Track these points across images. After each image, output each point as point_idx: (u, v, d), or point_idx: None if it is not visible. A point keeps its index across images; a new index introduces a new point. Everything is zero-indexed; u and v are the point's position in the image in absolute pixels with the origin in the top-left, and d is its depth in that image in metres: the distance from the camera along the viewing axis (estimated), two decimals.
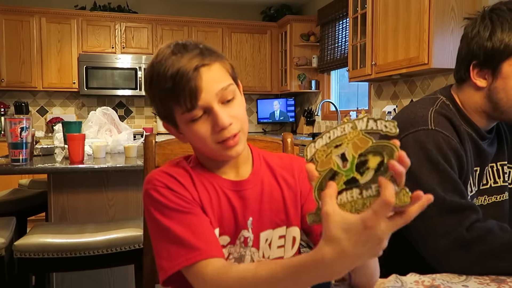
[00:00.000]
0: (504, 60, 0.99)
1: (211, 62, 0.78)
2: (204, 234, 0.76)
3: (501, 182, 1.13)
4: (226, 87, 0.79)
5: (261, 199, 0.86)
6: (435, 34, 2.60)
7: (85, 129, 2.51)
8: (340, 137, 0.60)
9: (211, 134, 0.78)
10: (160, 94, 0.78)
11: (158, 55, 0.79)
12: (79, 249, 1.71)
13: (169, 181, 0.80)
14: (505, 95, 1.01)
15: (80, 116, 5.06)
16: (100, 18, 4.85)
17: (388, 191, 0.51)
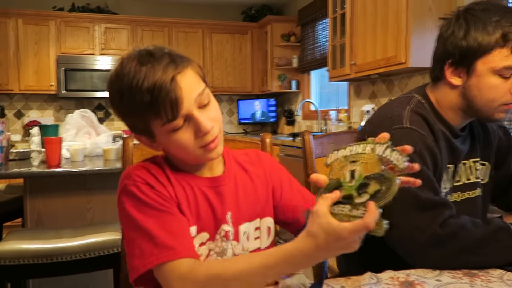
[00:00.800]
0: (478, 59, 1.01)
1: (184, 68, 0.78)
2: (179, 234, 0.76)
3: (474, 178, 1.15)
4: (202, 92, 0.79)
5: (237, 194, 0.89)
6: (412, 34, 2.64)
7: (62, 132, 2.47)
8: (359, 155, 0.67)
9: (194, 140, 0.79)
10: (135, 109, 0.77)
11: (124, 67, 0.76)
12: (56, 255, 1.68)
13: (148, 178, 0.81)
14: (478, 93, 1.04)
15: (58, 119, 4.97)
16: (78, 19, 4.78)
17: (371, 217, 0.59)
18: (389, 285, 0.80)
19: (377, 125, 1.06)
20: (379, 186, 0.62)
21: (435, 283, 0.81)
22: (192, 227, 0.82)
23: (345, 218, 0.62)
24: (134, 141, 1.15)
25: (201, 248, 0.84)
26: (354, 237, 0.60)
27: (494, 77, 1.01)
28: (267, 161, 0.97)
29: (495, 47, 0.98)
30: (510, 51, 0.98)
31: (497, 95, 1.01)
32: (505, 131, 1.26)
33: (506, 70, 0.99)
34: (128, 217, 0.78)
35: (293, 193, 0.96)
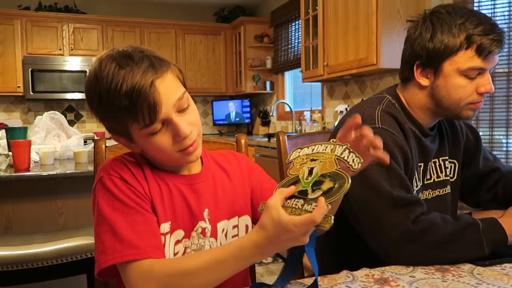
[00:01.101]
0: (445, 60, 1.05)
1: (164, 72, 0.77)
2: (145, 233, 0.76)
3: (443, 176, 1.19)
4: (182, 96, 0.79)
5: (215, 191, 0.90)
6: (382, 35, 2.70)
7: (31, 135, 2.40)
8: (319, 154, 0.71)
9: (173, 144, 0.79)
10: (113, 112, 0.76)
11: (103, 69, 0.76)
12: (26, 261, 1.63)
13: (124, 172, 0.81)
14: (446, 93, 1.07)
15: (26, 121, 4.82)
16: (46, 18, 4.65)
17: (319, 212, 0.61)
18: (365, 282, 0.82)
19: None
20: (332, 183, 0.66)
21: (409, 279, 0.83)
22: (165, 224, 0.82)
23: (296, 212, 0.65)
24: (106, 144, 1.13)
25: (177, 246, 0.84)
26: (301, 230, 0.63)
27: (460, 77, 1.05)
28: (243, 161, 0.99)
29: (460, 48, 1.02)
30: (474, 52, 1.02)
31: (464, 95, 1.05)
32: (472, 130, 1.30)
33: (471, 71, 1.03)
34: (99, 210, 0.78)
35: (272, 192, 0.97)
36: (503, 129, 2.37)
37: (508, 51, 2.35)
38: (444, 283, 0.81)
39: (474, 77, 1.04)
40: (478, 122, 2.42)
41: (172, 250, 0.83)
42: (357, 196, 1.01)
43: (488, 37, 1.00)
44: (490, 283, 0.80)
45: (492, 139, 2.40)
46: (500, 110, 2.37)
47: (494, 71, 2.36)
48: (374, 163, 0.74)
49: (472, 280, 0.81)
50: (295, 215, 0.64)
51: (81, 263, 1.71)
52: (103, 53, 0.79)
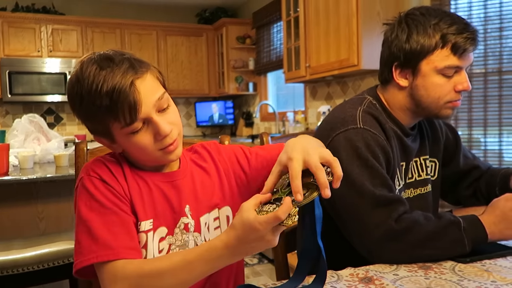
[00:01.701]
0: (422, 60, 1.08)
1: (143, 73, 0.79)
2: (121, 234, 0.77)
3: (424, 175, 1.21)
4: (161, 96, 0.81)
5: (194, 187, 0.91)
6: (363, 37, 2.74)
7: (9, 139, 2.36)
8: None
9: (154, 143, 0.81)
10: (95, 112, 0.78)
11: (84, 71, 0.78)
12: (5, 267, 1.59)
13: (103, 172, 0.82)
14: (425, 92, 1.09)
15: (4, 124, 4.71)
16: (23, 19, 4.55)
17: (283, 210, 0.66)
18: (349, 281, 0.83)
19: (332, 125, 1.09)
20: (305, 191, 0.70)
21: (393, 277, 0.84)
22: (147, 221, 0.83)
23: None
24: (87, 146, 1.12)
25: (161, 243, 0.85)
26: (267, 228, 0.66)
27: (437, 76, 1.07)
28: (214, 149, 0.99)
29: (436, 48, 1.05)
30: (449, 51, 1.04)
31: (442, 93, 1.08)
32: (451, 129, 1.33)
33: (448, 69, 1.05)
34: (77, 210, 0.80)
35: (257, 161, 0.99)
36: (481, 128, 2.43)
37: (485, 52, 2.40)
38: (427, 280, 0.82)
39: (451, 75, 1.06)
40: (457, 121, 2.48)
41: (156, 248, 0.84)
42: (340, 195, 1.02)
43: (462, 36, 1.03)
44: (471, 279, 0.81)
45: (470, 138, 2.45)
46: (477, 110, 2.42)
47: (471, 71, 2.41)
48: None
49: (454, 277, 0.83)
50: None
51: (63, 268, 1.68)
52: (84, 56, 0.81)
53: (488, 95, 2.39)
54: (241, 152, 1.01)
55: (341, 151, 1.03)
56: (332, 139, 1.06)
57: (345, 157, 1.01)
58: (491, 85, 2.38)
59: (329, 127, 1.09)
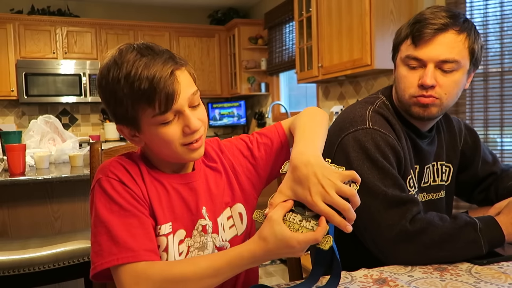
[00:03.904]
0: (397, 52, 1.10)
1: (182, 65, 0.80)
2: (140, 237, 0.76)
3: (439, 181, 1.19)
4: (195, 92, 0.81)
5: (209, 189, 0.91)
6: (376, 36, 2.71)
7: (26, 139, 2.39)
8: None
9: (180, 137, 0.80)
10: (129, 95, 0.76)
11: (123, 55, 0.77)
12: (23, 266, 1.62)
13: (122, 174, 0.81)
14: (397, 84, 1.10)
15: (20, 125, 4.79)
16: (39, 22, 4.63)
17: (321, 232, 0.68)
18: (363, 282, 0.82)
19: (341, 126, 1.09)
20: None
21: (407, 279, 0.83)
22: (166, 224, 0.83)
23: (294, 227, 0.69)
24: (102, 147, 1.13)
25: (180, 246, 0.85)
26: (303, 247, 0.68)
27: (403, 67, 1.07)
28: (215, 147, 0.98)
29: (405, 39, 1.06)
30: (410, 41, 1.04)
31: (405, 85, 1.06)
32: (472, 134, 1.29)
33: (408, 59, 1.04)
34: (96, 211, 0.78)
35: (260, 150, 0.98)
36: (498, 128, 2.39)
37: (501, 50, 2.37)
38: (443, 282, 0.81)
39: (415, 67, 1.04)
40: (472, 121, 2.44)
41: (176, 250, 0.84)
42: None
43: (419, 24, 1.02)
44: (488, 281, 0.80)
45: (486, 138, 2.42)
46: (494, 110, 2.39)
47: (487, 70, 2.38)
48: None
49: (470, 279, 0.82)
50: (293, 230, 0.69)
51: (78, 267, 1.70)
52: (120, 45, 0.80)
53: (504, 94, 2.35)
54: (243, 143, 1.00)
55: (351, 152, 1.02)
56: (342, 139, 1.05)
57: (355, 158, 1.01)
58: (508, 84, 2.34)
59: (338, 127, 1.09)
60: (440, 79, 1.02)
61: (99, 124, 5.19)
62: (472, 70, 1.08)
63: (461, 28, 1.01)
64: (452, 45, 1.00)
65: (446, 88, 1.03)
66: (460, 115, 2.45)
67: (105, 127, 4.97)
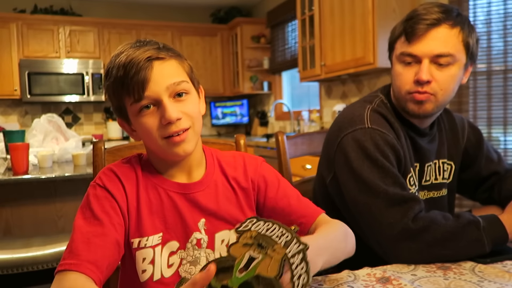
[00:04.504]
0: (393, 50, 1.10)
1: (167, 57, 0.79)
2: (94, 247, 0.72)
3: (441, 179, 1.18)
4: (179, 82, 0.79)
5: (216, 200, 0.86)
6: (379, 34, 2.71)
7: (29, 138, 2.40)
8: (271, 240, 0.58)
9: (158, 128, 0.78)
10: (112, 85, 0.79)
11: (118, 49, 0.80)
12: (26, 264, 1.63)
13: (110, 182, 0.81)
14: (393, 82, 1.10)
15: (23, 124, 4.81)
16: (42, 21, 4.64)
17: (201, 276, 0.54)
18: (367, 281, 0.82)
19: (340, 126, 1.08)
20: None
21: (411, 277, 0.83)
22: (154, 236, 0.81)
23: None
24: (105, 146, 1.13)
25: (172, 257, 0.83)
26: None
27: (398, 65, 1.06)
28: (252, 165, 0.92)
29: (399, 37, 1.06)
30: (404, 38, 1.04)
31: (402, 82, 1.06)
32: (475, 131, 1.28)
33: (404, 56, 1.04)
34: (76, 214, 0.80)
35: (278, 198, 0.89)
36: (501, 126, 2.38)
37: (505, 48, 2.36)
38: (446, 281, 0.81)
39: (410, 63, 1.04)
40: (476, 120, 2.43)
41: (165, 262, 0.82)
42: (353, 197, 1.01)
43: (412, 20, 1.02)
44: (491, 280, 0.80)
45: (490, 137, 2.41)
46: (497, 108, 2.38)
47: (490, 69, 2.37)
48: None
49: (474, 278, 0.81)
50: None
51: None
52: None
53: (508, 92, 2.34)
54: (275, 184, 0.91)
55: (350, 152, 1.02)
56: (341, 140, 1.05)
57: (354, 158, 1.01)
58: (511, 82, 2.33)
59: (338, 127, 1.09)
60: (435, 74, 1.02)
61: (101, 123, 5.20)
62: (469, 65, 1.07)
63: (454, 22, 1.01)
64: (445, 39, 1.00)
65: (442, 83, 1.02)
66: (463, 114, 2.44)
67: (108, 126, 4.98)
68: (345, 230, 0.83)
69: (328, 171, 1.12)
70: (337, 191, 1.09)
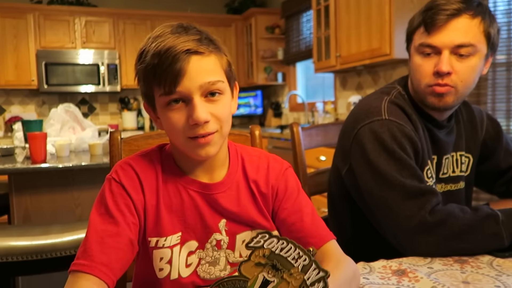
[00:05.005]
0: (411, 41, 1.08)
1: (206, 52, 0.73)
2: (107, 248, 0.71)
3: (458, 172, 1.17)
4: (214, 82, 0.73)
5: (238, 202, 0.83)
6: (395, 25, 2.67)
7: (46, 128, 2.43)
8: (286, 262, 0.53)
9: (184, 126, 0.74)
10: (144, 71, 0.74)
11: (157, 31, 0.75)
12: (45, 251, 1.66)
13: (127, 178, 0.78)
14: (412, 74, 1.08)
15: (41, 114, 4.88)
16: (58, 12, 4.68)
17: None
18: (382, 273, 0.82)
19: (356, 117, 1.08)
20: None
21: (427, 270, 0.83)
22: (173, 236, 0.79)
23: None
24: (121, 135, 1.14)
25: (190, 257, 0.81)
26: None
27: (417, 56, 1.05)
28: (275, 171, 0.87)
29: (418, 27, 1.04)
30: (423, 29, 1.02)
31: (421, 75, 1.04)
32: (494, 124, 1.26)
33: (422, 47, 1.02)
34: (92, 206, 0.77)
35: (292, 210, 0.84)
36: None
37: None
38: (463, 274, 0.80)
39: (429, 54, 1.02)
40: (494, 112, 2.39)
41: (183, 262, 0.80)
42: (369, 189, 1.00)
43: (432, 11, 1.00)
44: (510, 274, 0.79)
45: (508, 129, 2.36)
46: None
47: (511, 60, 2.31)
48: None
49: (492, 272, 0.81)
50: None
51: None
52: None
53: None
54: (294, 195, 0.86)
55: (367, 143, 1.01)
56: (357, 131, 1.04)
57: (371, 149, 1.00)
58: None
59: (354, 119, 1.08)
60: (456, 65, 1.00)
61: (117, 113, 5.25)
62: (489, 55, 1.05)
63: (474, 12, 0.99)
64: (466, 29, 0.98)
65: (462, 74, 1.00)
66: (481, 106, 2.40)
67: (123, 116, 5.02)
68: (353, 272, 0.74)
69: (344, 162, 1.12)
70: (352, 183, 1.09)
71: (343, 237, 1.14)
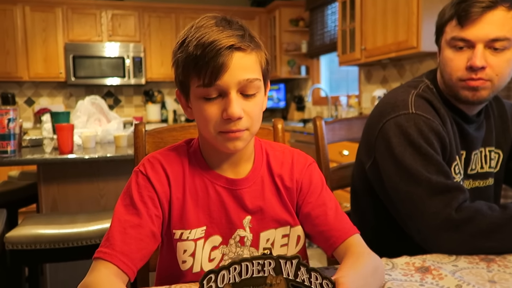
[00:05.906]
0: (442, 35, 1.04)
1: (248, 49, 0.74)
2: (129, 238, 0.73)
3: (487, 168, 1.14)
4: (252, 80, 0.74)
5: (263, 197, 0.83)
6: (423, 17, 2.60)
7: (73, 119, 2.49)
8: (256, 280, 0.53)
9: (217, 120, 0.74)
10: (184, 59, 0.74)
11: (201, 21, 0.76)
12: (71, 240, 1.71)
13: (154, 172, 0.80)
14: (443, 67, 1.04)
15: (68, 106, 5.00)
16: (85, 6, 4.76)
17: None
18: (405, 270, 0.80)
19: (382, 111, 1.06)
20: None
21: (452, 268, 0.81)
22: (198, 229, 0.80)
23: None
24: (145, 128, 1.15)
25: (214, 252, 0.82)
26: None
27: (449, 50, 1.01)
28: (300, 165, 0.87)
29: (450, 20, 1.01)
30: (456, 22, 0.98)
31: (453, 69, 1.00)
32: None
33: (455, 41, 0.99)
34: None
35: (316, 204, 0.85)
36: None
37: None
38: (489, 273, 0.78)
39: (462, 48, 0.98)
40: None
41: (207, 256, 0.81)
42: (394, 184, 0.99)
43: (467, 3, 0.96)
44: None
45: None
46: None
47: None
48: None
49: None
50: None
51: None
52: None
53: None
54: (318, 190, 0.86)
55: (392, 138, 0.99)
56: (383, 125, 1.02)
57: (397, 144, 0.98)
58: None
59: (379, 113, 1.06)
60: (490, 59, 0.97)
61: (141, 106, 5.33)
62: None
63: (511, 4, 0.95)
64: (502, 22, 0.95)
65: (497, 68, 0.97)
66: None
67: (147, 109, 5.09)
68: (374, 268, 0.73)
69: (368, 157, 1.10)
70: (376, 177, 1.07)
71: (365, 232, 1.13)
